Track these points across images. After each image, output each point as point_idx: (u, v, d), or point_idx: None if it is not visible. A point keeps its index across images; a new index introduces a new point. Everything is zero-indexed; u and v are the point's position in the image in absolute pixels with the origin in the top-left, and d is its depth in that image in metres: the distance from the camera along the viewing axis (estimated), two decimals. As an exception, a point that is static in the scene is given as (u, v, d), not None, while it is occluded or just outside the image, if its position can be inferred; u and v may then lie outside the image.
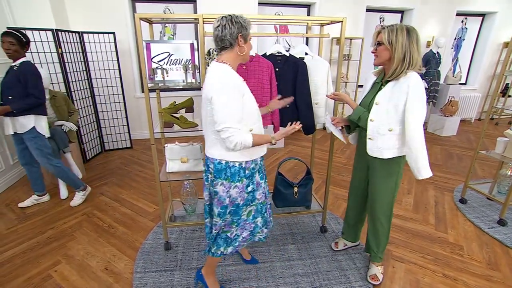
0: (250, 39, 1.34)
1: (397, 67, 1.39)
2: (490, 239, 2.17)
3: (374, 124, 1.48)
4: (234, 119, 1.23)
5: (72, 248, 2.05)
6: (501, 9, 5.28)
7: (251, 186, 1.43)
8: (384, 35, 1.39)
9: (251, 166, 1.41)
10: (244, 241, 1.54)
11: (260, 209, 1.53)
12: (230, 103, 1.22)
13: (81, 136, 3.44)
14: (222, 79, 1.24)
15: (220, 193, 1.39)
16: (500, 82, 2.45)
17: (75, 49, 3.39)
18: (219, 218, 1.44)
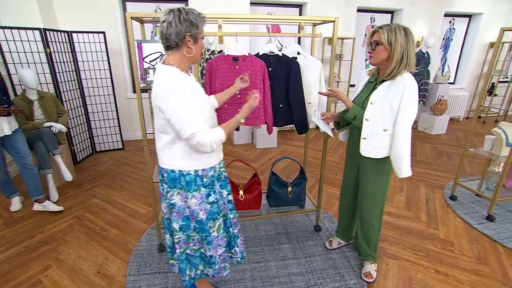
0: (202, 38, 1.20)
1: (395, 67, 1.38)
2: (479, 234, 2.22)
3: (369, 124, 1.48)
4: (197, 122, 1.13)
5: (63, 252, 2.00)
6: (487, 10, 5.42)
7: (213, 195, 1.30)
8: (383, 35, 1.36)
9: (209, 173, 1.28)
10: (224, 261, 1.41)
11: (224, 222, 1.42)
12: (187, 108, 1.10)
13: (71, 137, 3.38)
14: (169, 84, 1.10)
15: (178, 203, 1.26)
16: (487, 82, 2.51)
17: (64, 49, 3.32)
18: (182, 232, 1.31)
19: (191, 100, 1.12)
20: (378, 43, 1.39)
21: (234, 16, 1.73)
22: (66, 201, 2.65)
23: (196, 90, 1.21)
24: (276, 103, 1.97)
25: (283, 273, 1.82)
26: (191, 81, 1.21)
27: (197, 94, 1.21)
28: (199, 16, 1.13)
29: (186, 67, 1.22)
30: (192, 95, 1.14)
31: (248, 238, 2.16)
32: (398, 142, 1.44)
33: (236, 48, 1.83)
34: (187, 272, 1.40)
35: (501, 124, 2.44)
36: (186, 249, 1.36)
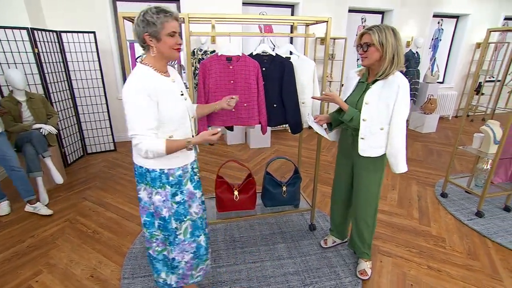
0: (169, 34, 1.14)
1: (387, 67, 1.42)
2: (469, 230, 2.27)
3: (366, 124, 1.50)
4: (143, 126, 1.12)
5: (55, 256, 1.96)
6: (473, 11, 5.55)
7: (180, 196, 1.30)
8: (374, 36, 1.39)
9: (176, 173, 1.28)
10: (190, 268, 1.39)
11: (201, 225, 1.40)
12: (138, 109, 1.11)
13: (61, 139, 3.31)
14: (132, 83, 1.12)
15: (144, 199, 1.29)
16: (475, 81, 2.57)
17: (53, 49, 3.25)
18: (146, 229, 1.33)
19: (145, 103, 1.12)
20: (369, 44, 1.42)
21: (228, 16, 1.73)
22: (57, 204, 2.60)
23: (164, 92, 1.17)
24: (270, 103, 1.97)
25: (279, 272, 1.82)
26: (161, 82, 1.19)
27: (164, 97, 1.17)
28: (157, 13, 1.10)
29: (161, 67, 1.22)
30: (147, 99, 1.12)
31: (243, 238, 2.16)
32: (395, 139, 1.48)
33: (229, 48, 1.82)
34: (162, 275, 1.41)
35: (488, 122, 2.51)
36: (149, 248, 1.37)
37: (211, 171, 3.30)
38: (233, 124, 1.99)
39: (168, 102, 1.19)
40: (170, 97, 1.20)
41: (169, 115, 1.20)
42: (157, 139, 1.16)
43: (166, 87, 1.20)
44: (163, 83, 1.20)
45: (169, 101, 1.19)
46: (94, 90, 3.65)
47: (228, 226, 2.31)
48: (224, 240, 2.13)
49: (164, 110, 1.18)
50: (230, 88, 1.88)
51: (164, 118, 1.19)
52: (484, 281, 1.77)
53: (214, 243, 2.09)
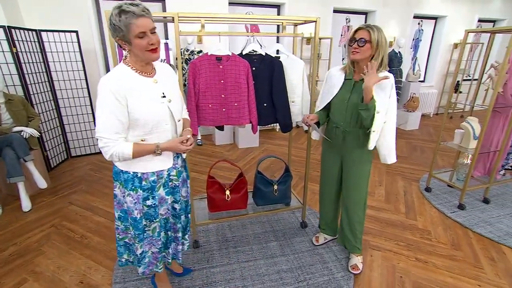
0: (137, 36, 1.06)
1: (377, 67, 1.48)
2: (452, 222, 2.37)
3: (380, 116, 1.50)
4: (110, 129, 1.09)
5: (41, 263, 1.89)
6: (450, 13, 5.78)
7: (151, 200, 1.27)
8: (373, 34, 1.43)
9: (150, 178, 1.24)
10: (156, 259, 1.41)
11: (164, 224, 1.41)
12: (105, 111, 1.07)
13: (43, 142, 3.19)
14: (103, 83, 1.08)
15: (119, 196, 1.30)
16: (455, 80, 2.69)
17: (33, 49, 3.13)
18: (120, 222, 1.36)
19: (114, 105, 1.07)
20: (366, 40, 1.45)
21: (218, 16, 1.72)
22: (41, 210, 2.50)
23: (136, 94, 1.12)
24: (260, 102, 1.99)
25: (273, 270, 1.84)
26: (137, 83, 1.14)
27: (136, 99, 1.12)
28: (119, 15, 1.03)
29: (141, 67, 1.18)
30: (116, 101, 1.07)
31: (236, 238, 2.16)
32: (390, 133, 1.59)
33: (219, 47, 1.82)
34: (124, 256, 1.47)
35: (468, 119, 2.63)
36: (125, 237, 1.42)
37: (200, 172, 3.28)
38: (224, 124, 1.99)
39: (142, 104, 1.13)
40: (144, 98, 1.15)
41: (143, 118, 1.14)
42: (125, 143, 1.12)
43: (141, 88, 1.15)
44: (139, 84, 1.15)
45: (143, 103, 1.14)
46: (78, 91, 3.54)
47: (220, 226, 2.30)
48: (216, 240, 2.12)
49: (136, 112, 1.12)
50: (220, 88, 1.88)
51: (137, 120, 1.13)
52: (467, 270, 1.86)
53: (206, 244, 2.08)
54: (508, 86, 2.43)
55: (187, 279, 1.76)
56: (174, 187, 1.38)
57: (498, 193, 2.82)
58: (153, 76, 1.22)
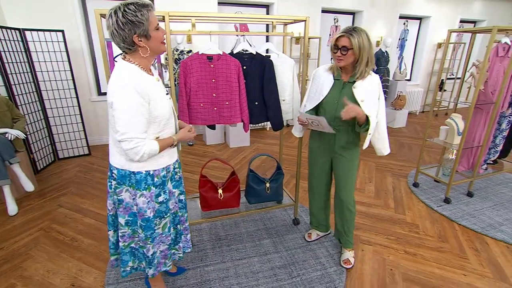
0: (156, 28, 1.08)
1: (363, 70, 1.53)
2: (439, 216, 2.45)
3: (373, 119, 1.57)
4: (138, 129, 1.08)
5: (29, 268, 1.85)
6: (434, 14, 5.95)
7: (163, 195, 1.30)
8: (353, 41, 1.46)
9: (161, 173, 1.27)
10: (165, 257, 1.42)
11: (173, 219, 1.43)
12: (132, 110, 1.06)
13: (29, 144, 3.11)
14: (122, 82, 1.06)
15: (126, 200, 1.25)
16: (439, 79, 2.78)
17: (16, 48, 3.04)
18: (128, 227, 1.31)
19: (139, 103, 1.07)
20: (348, 48, 1.48)
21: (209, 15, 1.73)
22: (28, 213, 2.44)
23: (153, 92, 1.14)
24: (251, 101, 2.00)
25: (266, 267, 1.86)
26: (149, 81, 1.14)
27: (154, 96, 1.14)
28: (138, 10, 1.02)
29: (147, 65, 1.18)
30: (140, 99, 1.08)
31: (229, 236, 2.17)
32: (382, 128, 1.67)
33: (210, 47, 1.83)
34: (129, 264, 1.41)
35: (452, 115, 2.72)
36: (131, 243, 1.37)
37: (192, 172, 3.26)
38: (216, 123, 1.99)
39: (157, 102, 1.16)
40: (158, 96, 1.17)
41: (160, 116, 1.18)
42: (151, 141, 1.15)
43: (153, 86, 1.16)
44: (150, 82, 1.16)
45: (158, 101, 1.17)
46: (65, 91, 3.46)
47: (213, 225, 2.30)
48: (210, 239, 2.12)
49: (154, 110, 1.15)
50: (212, 87, 1.89)
51: (156, 118, 1.17)
52: (453, 261, 1.93)
53: (200, 243, 2.08)
54: (489, 83, 2.53)
55: (181, 278, 1.76)
56: (179, 179, 1.45)
57: (481, 187, 2.94)
58: (153, 75, 1.24)
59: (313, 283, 1.73)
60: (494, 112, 2.54)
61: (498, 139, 2.90)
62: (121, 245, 1.35)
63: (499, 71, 2.55)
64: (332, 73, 1.67)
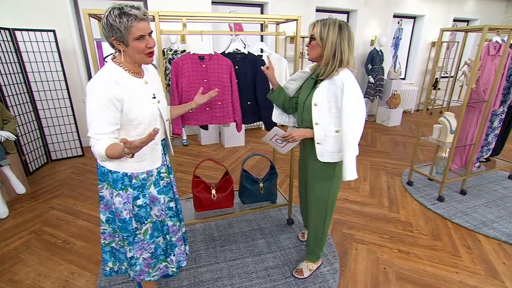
0: (136, 39, 1.07)
1: (327, 64, 1.34)
2: (433, 214, 2.47)
3: (320, 127, 1.40)
4: (96, 129, 1.07)
5: (19, 271, 1.83)
6: (427, 13, 5.99)
7: (142, 199, 1.26)
8: (317, 30, 1.30)
9: (140, 176, 1.24)
10: (148, 266, 1.37)
11: (161, 228, 1.38)
12: (96, 111, 1.07)
13: (21, 146, 3.07)
14: (95, 82, 1.07)
15: (106, 197, 1.26)
16: (433, 77, 2.79)
17: (6, 48, 3.00)
18: (108, 225, 1.31)
19: (101, 104, 1.06)
20: (312, 37, 1.34)
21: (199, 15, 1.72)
22: (19, 216, 2.41)
23: (132, 94, 1.12)
24: (244, 100, 2.00)
25: (260, 267, 1.85)
26: (131, 83, 1.13)
27: (131, 98, 1.12)
28: (119, 17, 1.02)
29: (132, 68, 1.17)
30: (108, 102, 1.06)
31: (223, 236, 2.16)
32: (343, 142, 1.36)
33: (202, 46, 1.81)
34: (109, 264, 1.40)
35: (445, 114, 2.73)
36: (111, 242, 1.37)
37: (186, 172, 3.25)
38: (208, 123, 1.98)
39: (135, 105, 1.13)
40: (138, 100, 1.15)
41: (136, 119, 1.15)
42: (102, 142, 1.07)
43: (135, 89, 1.15)
44: (132, 85, 1.14)
45: (137, 104, 1.14)
46: (57, 92, 3.42)
47: (207, 225, 2.29)
48: (203, 240, 2.11)
49: (130, 113, 1.12)
50: (204, 87, 1.88)
51: (131, 121, 1.14)
52: (446, 259, 1.94)
53: (193, 243, 2.07)
54: (481, 82, 2.55)
55: (174, 280, 1.75)
56: (166, 185, 1.37)
57: (474, 185, 2.96)
58: (143, 77, 1.22)
59: (307, 283, 1.73)
60: (486, 111, 2.55)
61: (490, 137, 2.92)
62: (101, 242, 1.35)
63: (491, 69, 2.57)
64: (312, 72, 1.53)
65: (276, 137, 1.66)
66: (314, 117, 1.40)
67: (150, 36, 1.13)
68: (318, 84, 1.41)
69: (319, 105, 1.38)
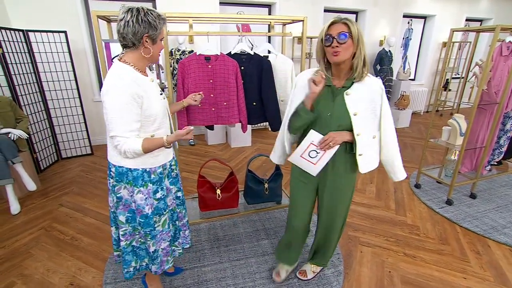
0: (162, 39, 1.20)
1: (362, 66, 1.22)
2: (440, 217, 2.42)
3: (362, 138, 1.28)
4: (123, 128, 1.12)
5: (29, 266, 1.87)
6: (439, 12, 5.88)
7: (161, 192, 1.33)
8: (353, 28, 1.16)
9: (158, 170, 1.31)
10: (167, 254, 1.44)
11: (171, 216, 1.47)
12: (119, 110, 1.11)
13: (33, 144, 3.15)
14: (116, 82, 1.11)
15: (125, 197, 1.30)
16: (442, 78, 2.74)
17: (20, 49, 3.09)
18: (128, 224, 1.34)
19: (128, 104, 1.11)
20: (347, 35, 1.16)
21: (205, 16, 1.73)
22: (30, 212, 2.48)
23: (146, 92, 1.18)
24: (249, 101, 2.01)
25: (264, 268, 1.85)
26: (142, 82, 1.18)
27: (147, 96, 1.17)
28: (158, 18, 1.14)
29: (142, 67, 1.22)
30: (131, 100, 1.11)
31: (227, 236, 2.17)
32: (389, 145, 1.34)
33: (208, 47, 1.83)
34: (132, 264, 1.44)
35: (455, 116, 2.68)
36: (132, 241, 1.41)
37: (192, 172, 3.27)
38: (214, 123, 2.00)
39: (151, 102, 1.20)
40: (152, 96, 1.21)
41: (153, 115, 1.22)
42: (135, 140, 1.16)
43: (147, 87, 1.21)
44: (144, 82, 1.20)
45: (152, 101, 1.21)
46: (68, 92, 3.50)
47: (212, 225, 2.31)
48: (208, 240, 2.13)
49: (148, 109, 1.19)
50: (210, 88, 1.89)
51: (148, 117, 1.21)
52: (454, 264, 1.90)
53: (198, 243, 2.09)
54: (492, 83, 2.49)
55: (178, 278, 1.76)
56: (176, 176, 1.48)
57: (485, 188, 2.89)
58: (148, 75, 1.28)
59: (310, 284, 1.72)
60: (497, 113, 2.49)
61: (503, 139, 2.85)
62: (123, 244, 1.38)
63: (503, 70, 2.51)
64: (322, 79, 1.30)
65: (310, 148, 1.34)
66: (355, 128, 1.26)
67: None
68: (344, 90, 1.26)
69: (359, 114, 1.26)
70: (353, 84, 1.26)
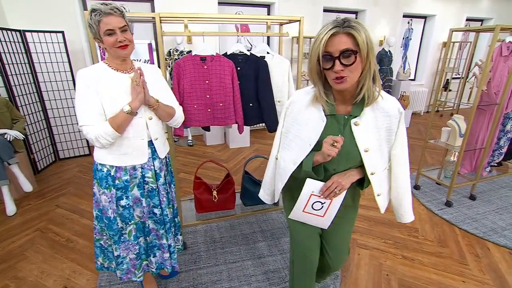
0: (105, 33, 1.12)
1: (365, 84, 0.93)
2: (439, 219, 2.40)
3: (377, 177, 1.05)
4: (86, 114, 1.14)
5: (23, 268, 1.86)
6: (439, 12, 5.85)
7: (125, 200, 1.29)
8: (360, 37, 0.85)
9: (123, 177, 1.26)
10: (134, 267, 1.39)
11: (142, 229, 1.39)
12: (79, 98, 1.15)
13: (29, 145, 3.14)
14: (78, 74, 1.17)
15: (97, 194, 1.31)
16: (441, 78, 2.72)
17: (17, 49, 3.07)
18: (97, 222, 1.38)
19: (82, 93, 1.15)
20: (353, 52, 0.85)
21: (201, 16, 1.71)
22: (26, 214, 2.46)
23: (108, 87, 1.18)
24: (246, 102, 1.98)
25: (260, 271, 1.83)
26: (109, 76, 1.20)
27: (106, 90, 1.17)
28: (91, 14, 1.12)
29: (116, 65, 1.23)
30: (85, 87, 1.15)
31: (224, 238, 2.15)
32: (400, 182, 1.10)
33: (204, 48, 1.81)
34: (99, 259, 1.46)
35: (454, 116, 2.65)
36: (100, 239, 1.41)
37: (190, 173, 3.26)
38: (210, 125, 1.98)
39: (111, 97, 1.18)
40: (114, 92, 1.19)
41: (111, 111, 1.17)
42: (101, 123, 1.15)
43: (112, 82, 1.20)
44: (110, 77, 1.20)
45: (112, 96, 1.18)
46: (65, 92, 3.49)
47: (208, 227, 2.29)
48: (204, 242, 2.11)
49: (105, 104, 1.17)
50: (205, 88, 1.87)
51: (106, 113, 1.18)
52: (453, 266, 1.88)
53: (194, 245, 2.07)
54: (492, 84, 2.46)
55: (173, 281, 1.75)
56: (151, 191, 1.36)
57: (485, 190, 2.86)
58: (131, 73, 1.26)
59: (307, 288, 1.70)
60: (497, 114, 2.47)
61: (503, 140, 2.82)
62: (94, 236, 1.41)
63: (503, 71, 2.48)
64: (320, 106, 1.02)
65: (311, 200, 1.09)
66: (368, 168, 1.02)
67: (125, 31, 1.16)
68: (352, 119, 0.99)
69: (371, 149, 1.00)
70: (363, 109, 0.98)
